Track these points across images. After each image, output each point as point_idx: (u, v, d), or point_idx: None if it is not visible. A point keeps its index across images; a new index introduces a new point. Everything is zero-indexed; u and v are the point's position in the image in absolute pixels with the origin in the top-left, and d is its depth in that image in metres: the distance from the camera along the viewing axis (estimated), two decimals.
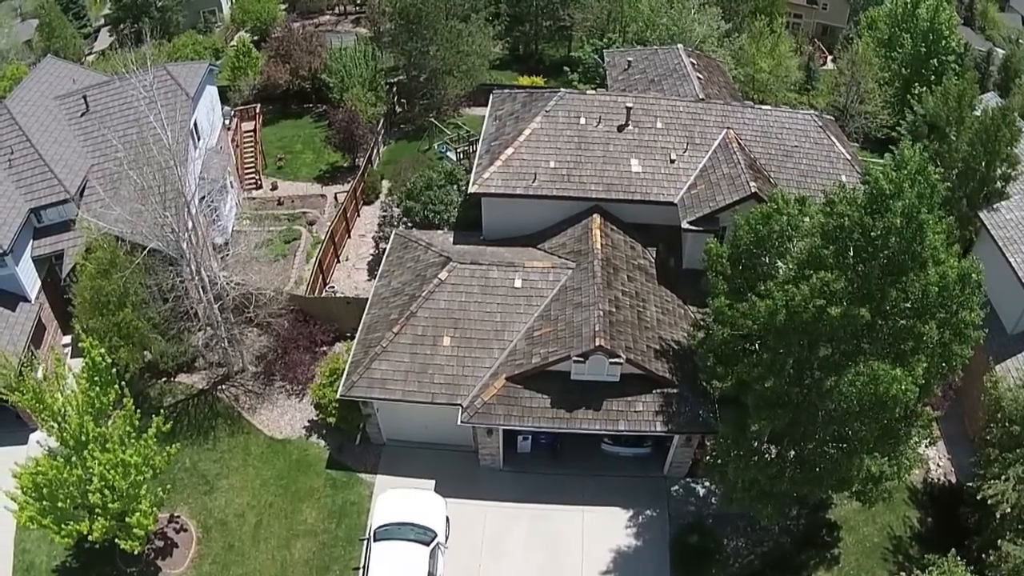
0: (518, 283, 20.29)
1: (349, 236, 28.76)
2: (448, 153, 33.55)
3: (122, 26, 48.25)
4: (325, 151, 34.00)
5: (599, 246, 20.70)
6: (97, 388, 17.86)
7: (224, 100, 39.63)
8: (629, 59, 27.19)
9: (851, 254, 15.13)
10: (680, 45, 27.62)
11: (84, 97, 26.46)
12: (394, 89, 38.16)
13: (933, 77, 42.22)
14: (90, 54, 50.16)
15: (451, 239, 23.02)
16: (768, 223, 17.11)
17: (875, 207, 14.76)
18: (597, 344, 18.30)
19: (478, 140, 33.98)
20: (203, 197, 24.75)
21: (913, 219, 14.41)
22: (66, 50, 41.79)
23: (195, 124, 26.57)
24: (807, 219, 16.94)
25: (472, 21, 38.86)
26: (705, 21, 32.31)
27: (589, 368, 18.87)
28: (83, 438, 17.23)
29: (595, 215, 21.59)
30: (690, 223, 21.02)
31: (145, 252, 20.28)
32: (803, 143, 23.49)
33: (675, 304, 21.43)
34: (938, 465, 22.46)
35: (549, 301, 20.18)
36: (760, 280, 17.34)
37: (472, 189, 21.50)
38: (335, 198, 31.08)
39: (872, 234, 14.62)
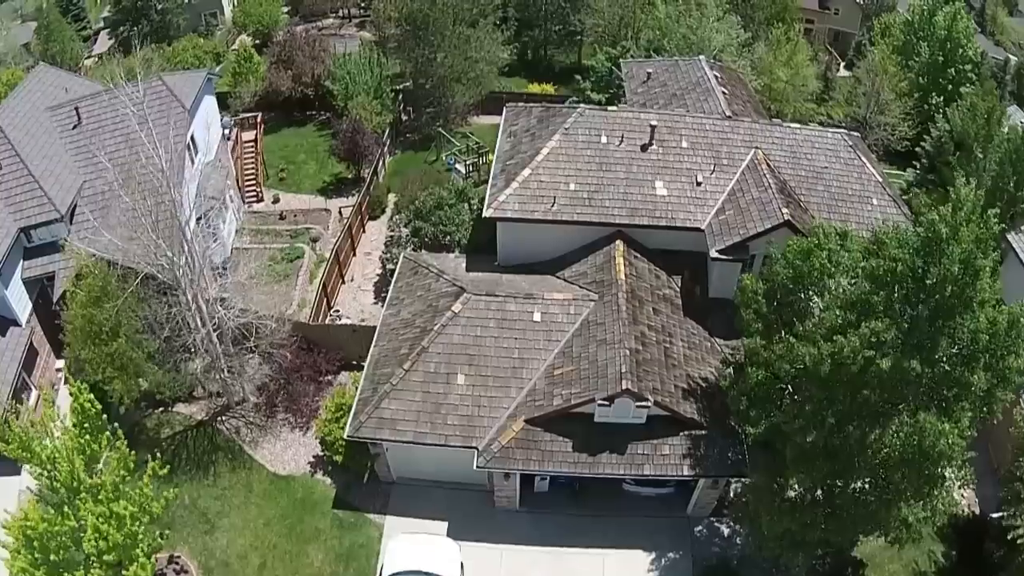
0: (537, 316, 18.61)
1: (354, 254, 27.01)
2: (456, 165, 31.77)
3: (122, 29, 46.29)
4: (329, 162, 32.22)
5: (623, 276, 19.02)
6: (87, 435, 16.39)
7: (225, 107, 37.82)
8: (648, 71, 25.40)
9: (899, 299, 13.81)
10: (702, 56, 25.81)
11: (76, 109, 24.66)
12: (400, 97, 36.34)
13: (950, 87, 40.71)
14: (89, 57, 48.20)
15: (463, 264, 21.29)
16: (808, 259, 15.62)
17: (929, 251, 13.41)
18: (624, 387, 16.68)
19: (488, 152, 32.55)
20: (200, 218, 23.02)
21: (970, 265, 13.09)
22: (63, 55, 39.87)
23: (192, 138, 24.75)
24: (848, 254, 15.52)
25: (480, 26, 37.01)
26: (724, 30, 30.46)
27: (614, 411, 17.25)
28: (75, 485, 15.79)
29: (618, 241, 19.88)
30: (719, 252, 19.36)
31: (138, 280, 18.61)
32: (833, 164, 21.83)
33: (701, 337, 19.82)
34: (962, 495, 21.03)
35: (570, 336, 18.51)
36: (797, 318, 16.04)
37: (487, 213, 19.77)
38: (339, 213, 29.32)
39: (927, 281, 13.29)
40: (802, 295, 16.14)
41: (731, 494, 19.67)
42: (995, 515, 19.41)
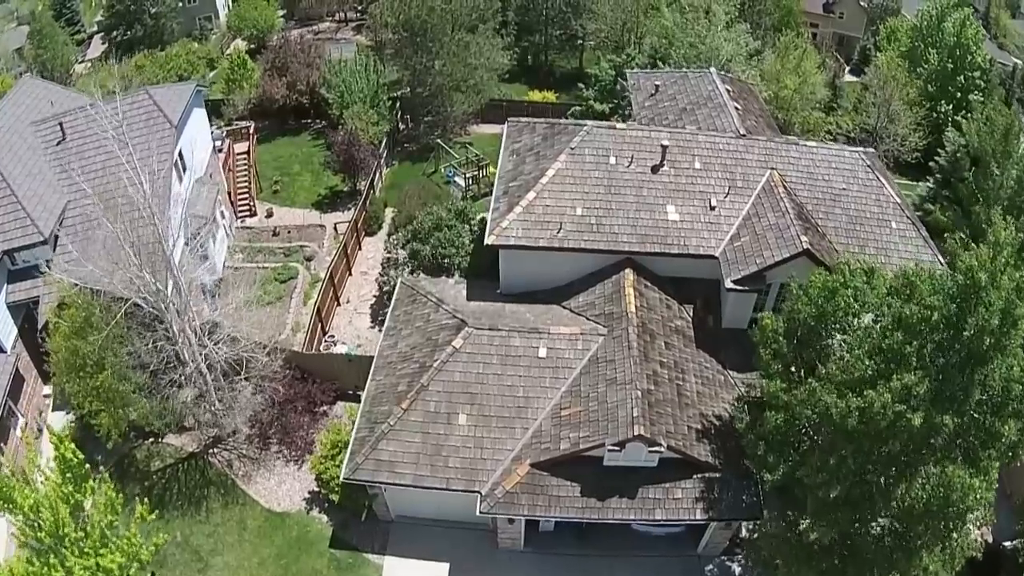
0: (543, 352, 17.29)
1: (350, 274, 25.60)
2: (456, 178, 30.36)
3: (115, 33, 44.70)
4: (324, 173, 30.76)
5: (633, 309, 17.69)
6: (71, 485, 15.24)
7: (218, 114, 36.38)
8: (656, 83, 23.96)
9: (932, 349, 12.88)
10: (713, 69, 24.33)
11: (60, 124, 23.19)
12: (397, 105, 34.84)
13: (959, 94, 39.37)
14: (82, 62, 46.60)
15: (463, 291, 19.91)
16: (833, 298, 14.50)
17: (966, 299, 12.40)
18: (636, 433, 15.41)
19: (488, 164, 31.13)
20: (189, 241, 21.65)
21: (1009, 315, 12.10)
22: (54, 61, 38.25)
23: (180, 154, 23.29)
24: (874, 292, 14.49)
25: (480, 32, 35.49)
26: (733, 39, 29.00)
27: (625, 455, 15.99)
28: (60, 534, 14.66)
29: (627, 270, 18.53)
30: (735, 282, 18.05)
31: (122, 311, 17.28)
32: (851, 185, 20.46)
33: (715, 371, 18.54)
34: (980, 534, 19.94)
35: (578, 374, 17.19)
36: (819, 359, 14.99)
37: (489, 240, 18.38)
38: (335, 229, 27.88)
39: (965, 334, 12.32)
40: (825, 334, 15.02)
41: (743, 531, 18.58)
42: (1009, 544, 18.52)
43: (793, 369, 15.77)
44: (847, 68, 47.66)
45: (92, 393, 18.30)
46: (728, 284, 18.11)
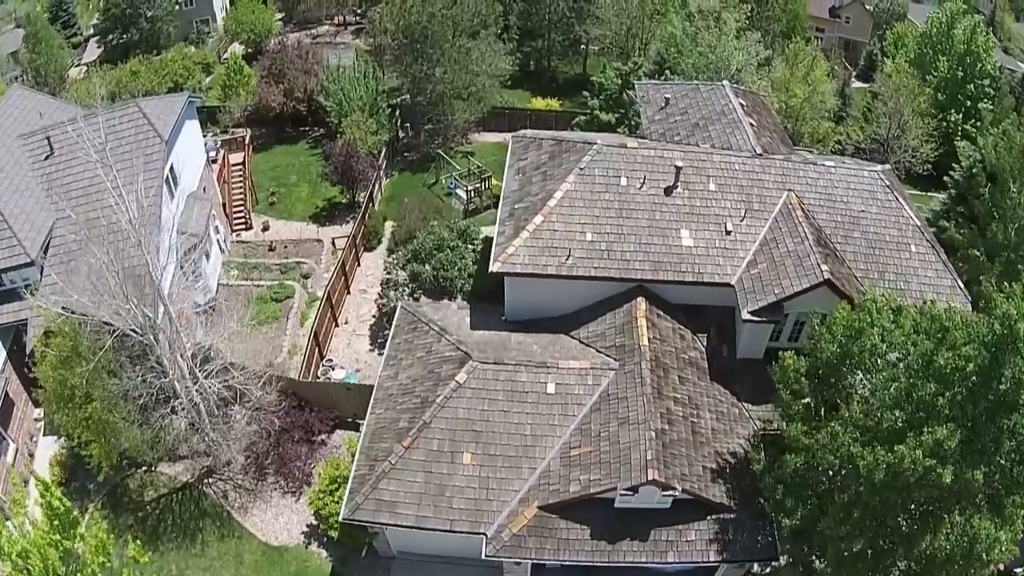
0: (551, 388, 16.20)
1: (348, 292, 24.44)
2: (457, 191, 29.20)
3: (111, 37, 43.33)
4: (322, 185, 29.53)
5: (646, 341, 16.59)
6: (59, 533, 14.24)
7: (214, 122, 35.20)
8: (667, 95, 22.77)
9: (964, 399, 12.29)
10: (726, 82, 23.12)
11: (47, 138, 21.98)
12: (397, 113, 33.62)
13: (968, 103, 38.27)
14: (77, 65, 45.26)
15: (467, 318, 18.79)
16: (859, 339, 13.68)
17: (1002, 348, 11.75)
18: (650, 478, 14.37)
19: (491, 176, 29.98)
20: (180, 262, 20.50)
21: None
22: (48, 66, 36.88)
23: (171, 169, 22.09)
24: (900, 330, 13.72)
25: (482, 38, 34.25)
26: (743, 48, 27.80)
27: (638, 497, 14.96)
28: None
29: (639, 299, 17.41)
30: (752, 313, 16.98)
31: (109, 342, 16.18)
32: (870, 207, 19.34)
33: (729, 403, 17.49)
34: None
35: (588, 411, 16.10)
36: (842, 400, 14.22)
37: (493, 268, 17.23)
38: (333, 244, 26.71)
39: (1001, 386, 11.75)
40: (848, 374, 14.18)
41: (755, 567, 17.65)
42: (1019, 570, 17.79)
43: (814, 408, 14.91)
44: (854, 73, 46.55)
45: (82, 424, 17.35)
46: (745, 315, 17.03)
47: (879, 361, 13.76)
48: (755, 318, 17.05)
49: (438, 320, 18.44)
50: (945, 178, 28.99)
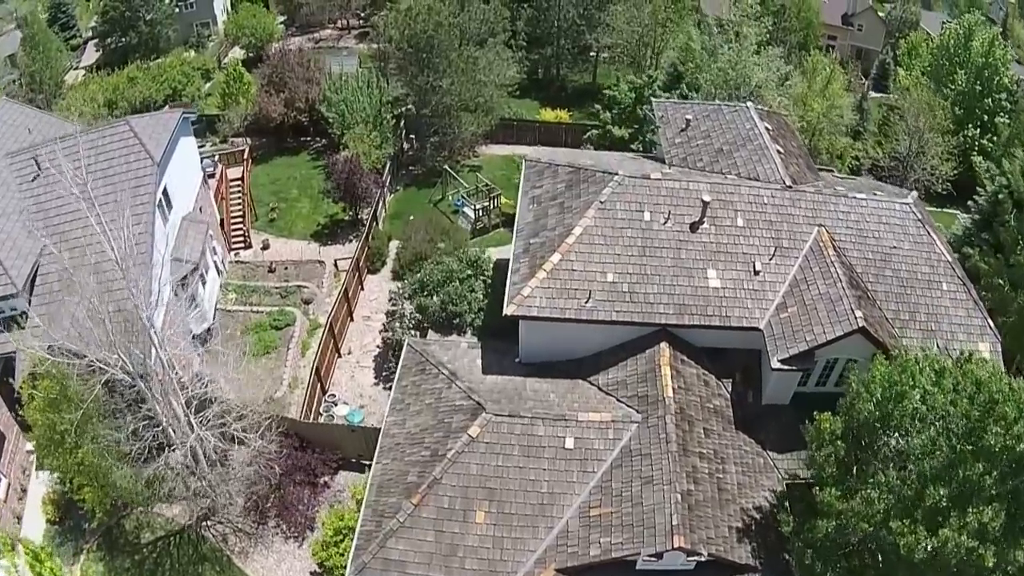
0: (570, 443, 14.89)
1: (352, 319, 23.06)
2: (465, 208, 27.78)
3: (109, 40, 41.65)
4: (324, 201, 28.07)
5: (671, 392, 15.28)
6: None
7: (213, 131, 33.71)
8: (688, 116, 21.31)
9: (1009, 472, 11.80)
10: (750, 103, 21.67)
11: (35, 158, 20.51)
12: (402, 124, 32.11)
13: (985, 117, 36.90)
14: (75, 68, 43.60)
15: (478, 359, 17.39)
16: (900, 403, 12.82)
17: None
18: (676, 545, 13.13)
19: (500, 195, 28.55)
20: (174, 289, 19.14)
21: None
22: (43, 73, 35.21)
23: (164, 191, 20.63)
24: (942, 393, 12.84)
25: (489, 46, 32.72)
26: (764, 63, 26.32)
27: (661, 561, 13.76)
28: None
29: (663, 345, 16.06)
30: (782, 362, 15.69)
31: (98, 387, 14.86)
32: (902, 243, 18.01)
33: (754, 453, 16.22)
34: None
35: (608, 467, 14.79)
36: (879, 462, 13.28)
37: (508, 311, 15.86)
38: (335, 265, 25.29)
39: None
40: (886, 436, 13.25)
41: None
42: None
43: (848, 471, 13.86)
44: (866, 83, 45.06)
45: (73, 468, 16.13)
46: (775, 364, 15.73)
47: (918, 424, 12.86)
48: (785, 367, 15.79)
49: (447, 362, 17.08)
50: (969, 203, 27.66)
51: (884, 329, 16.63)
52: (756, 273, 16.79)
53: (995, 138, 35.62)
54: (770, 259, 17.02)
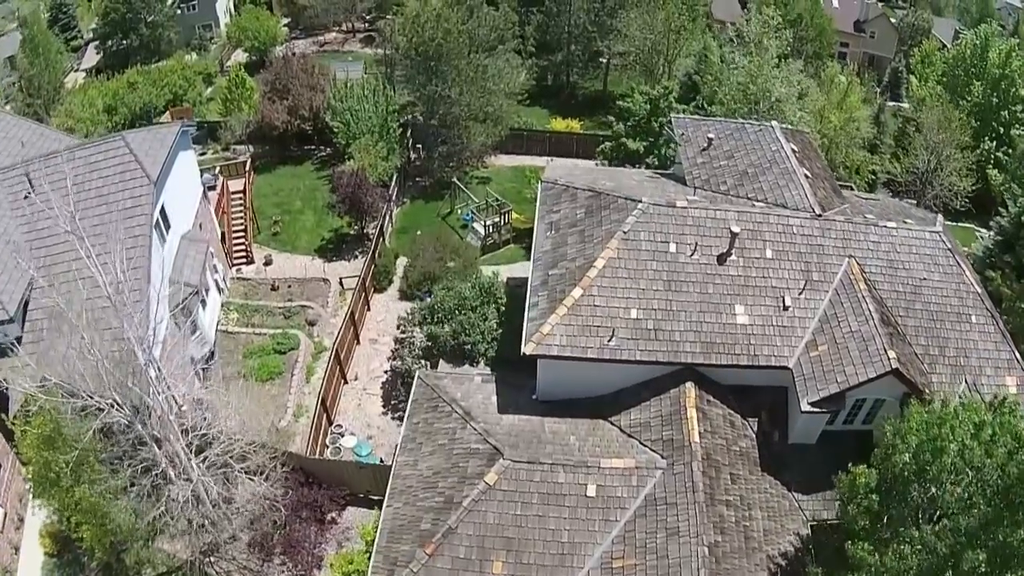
0: (591, 490, 14.01)
1: (358, 342, 22.12)
2: (474, 224, 26.82)
3: (110, 43, 40.42)
4: (328, 215, 27.04)
5: (697, 437, 14.37)
6: None
7: (215, 138, 32.66)
8: (710, 135, 20.33)
9: None
10: (775, 123, 20.68)
11: (27, 175, 19.47)
12: (408, 133, 31.06)
13: (1001, 129, 35.95)
14: (76, 71, 42.40)
15: (493, 396, 16.43)
16: (939, 457, 12.23)
17: None
18: None
19: (511, 210, 27.58)
20: (174, 315, 18.20)
21: None
22: (41, 77, 33.98)
23: (162, 210, 19.59)
24: (979, 446, 12.28)
25: (499, 53, 31.64)
26: (784, 77, 25.29)
27: None
28: None
29: (689, 386, 15.14)
30: (813, 404, 14.83)
31: (91, 433, 13.93)
32: (932, 274, 17.14)
33: (780, 496, 15.37)
34: None
35: (632, 515, 13.93)
36: (909, 512, 12.81)
37: (527, 350, 14.92)
38: (340, 284, 24.32)
39: None
40: (922, 490, 12.63)
41: None
42: None
43: (882, 523, 13.21)
44: (887, 97, 44.04)
45: (71, 506, 15.26)
46: (804, 407, 14.85)
47: (954, 477, 12.34)
48: (815, 410, 14.93)
49: (461, 399, 16.16)
50: (991, 223, 26.83)
51: (915, 368, 15.80)
52: (785, 308, 15.87)
53: (1011, 151, 34.79)
54: (800, 293, 16.10)
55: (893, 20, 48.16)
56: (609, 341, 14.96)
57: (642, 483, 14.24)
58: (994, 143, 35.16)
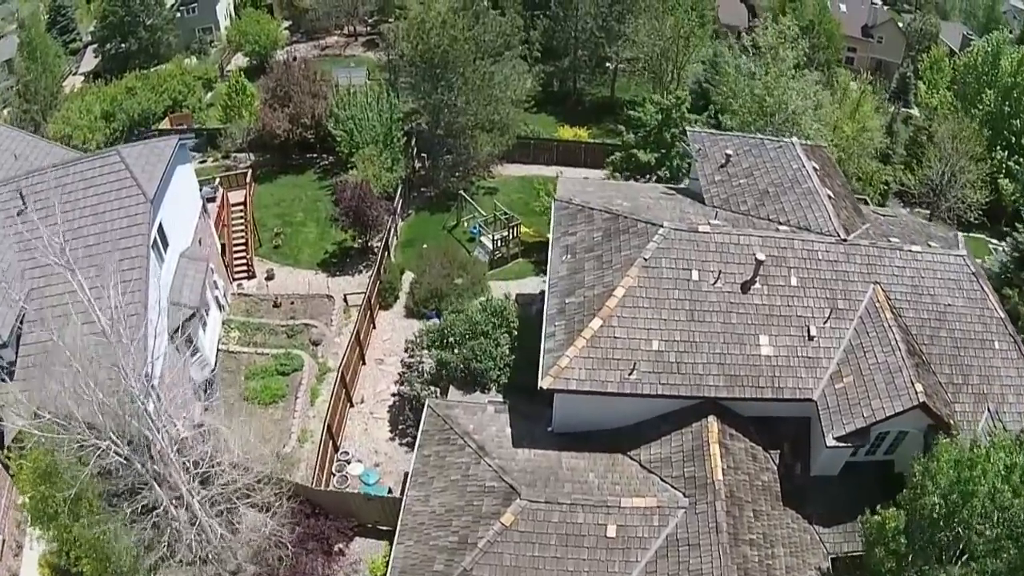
0: (611, 531, 13.39)
1: (364, 363, 21.43)
2: (482, 238, 26.11)
3: (109, 46, 39.47)
4: (331, 229, 26.29)
5: (720, 475, 13.75)
6: None
7: (214, 146, 31.89)
8: (728, 151, 19.69)
9: None
10: (795, 139, 20.02)
11: (20, 192, 18.70)
12: (413, 142, 30.30)
13: (1013, 139, 35.37)
14: (74, 74, 41.45)
15: (507, 428, 15.74)
16: (970, 501, 11.98)
17: None
18: None
19: (519, 224, 26.87)
20: (172, 337, 17.50)
21: None
22: (37, 83, 33.11)
23: (160, 228, 18.77)
24: (1011, 489, 12.08)
25: (505, 60, 30.85)
26: (801, 89, 24.59)
27: None
28: None
29: (711, 420, 14.52)
30: (838, 439, 14.24)
31: (88, 473, 13.26)
32: (956, 300, 16.60)
33: (801, 530, 14.83)
34: None
35: (653, 556, 13.33)
36: (935, 553, 12.64)
37: (544, 384, 14.27)
38: (345, 301, 23.60)
39: None
40: (950, 534, 12.39)
41: None
42: None
43: (904, 560, 12.92)
44: (887, 97, 43.45)
45: (69, 543, 14.62)
46: (829, 441, 14.26)
47: (984, 520, 12.12)
48: (840, 444, 14.34)
49: (474, 431, 15.50)
50: (1007, 239, 26.25)
51: (940, 399, 15.26)
52: (810, 338, 15.27)
53: (1021, 160, 34.25)
54: (825, 322, 15.49)
55: (900, 24, 47.52)
56: (630, 375, 14.31)
57: (664, 523, 13.64)
58: (1006, 152, 34.64)
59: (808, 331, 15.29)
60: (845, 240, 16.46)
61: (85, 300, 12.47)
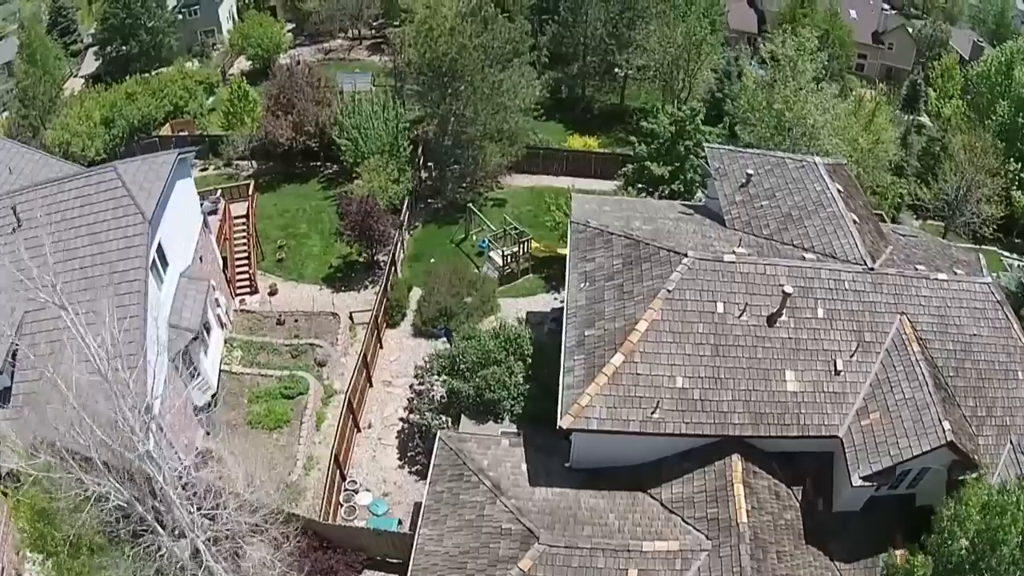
0: (633, 574, 12.93)
1: (371, 385, 20.84)
2: (491, 254, 25.46)
3: (109, 49, 38.59)
4: (336, 243, 25.62)
5: (744, 517, 13.21)
6: None
7: (216, 154, 31.18)
8: (748, 170, 19.03)
9: None
10: (818, 159, 19.38)
11: (13, 208, 17.95)
12: (420, 150, 29.60)
13: None
14: (75, 76, 40.56)
15: (523, 465, 15.11)
16: (999, 548, 11.76)
17: None
18: None
19: (530, 239, 26.21)
20: (173, 359, 16.88)
21: None
22: (36, 88, 32.23)
23: (159, 248, 18.00)
24: None
25: (514, 67, 30.15)
26: (821, 104, 23.93)
27: None
28: None
29: (735, 459, 13.94)
30: (864, 479, 13.71)
31: (86, 515, 12.66)
32: (981, 330, 16.03)
33: (823, 567, 14.32)
34: None
35: None
36: None
37: (563, 423, 13.68)
38: (351, 318, 22.99)
39: None
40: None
41: None
42: None
43: None
44: (910, 118, 42.78)
45: None
46: (856, 480, 13.73)
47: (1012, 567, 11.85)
48: (866, 484, 13.82)
49: (488, 467, 14.91)
50: None
51: (965, 433, 14.75)
52: (837, 373, 14.70)
53: None
54: (851, 356, 14.92)
55: (911, 31, 46.82)
56: (653, 413, 13.73)
57: (686, 566, 13.08)
58: (1019, 164, 34.12)
59: (834, 365, 14.72)
60: (872, 269, 15.87)
61: (79, 338, 11.81)
